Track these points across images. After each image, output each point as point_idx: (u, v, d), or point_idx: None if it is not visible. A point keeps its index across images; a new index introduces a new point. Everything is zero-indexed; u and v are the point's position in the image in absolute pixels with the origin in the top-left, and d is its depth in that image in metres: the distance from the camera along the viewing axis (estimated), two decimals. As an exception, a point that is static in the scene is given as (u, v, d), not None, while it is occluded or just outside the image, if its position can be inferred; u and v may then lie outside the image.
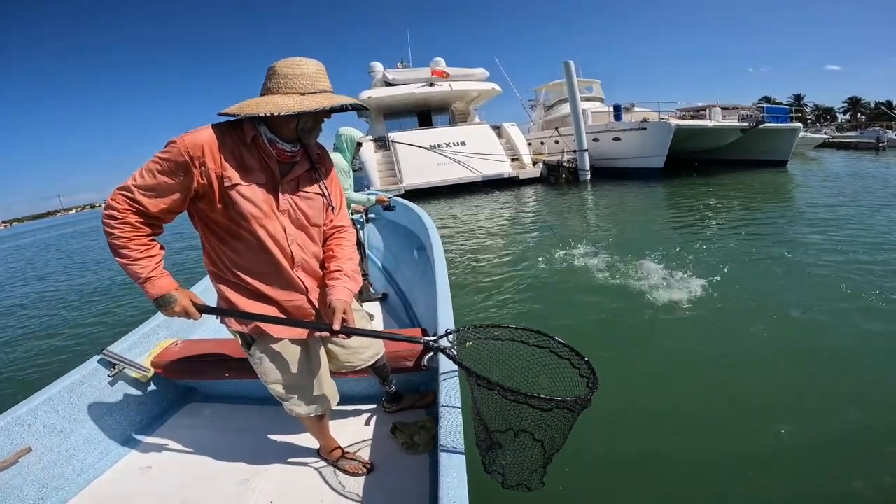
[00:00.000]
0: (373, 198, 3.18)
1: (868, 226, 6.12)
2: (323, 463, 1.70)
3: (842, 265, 4.47)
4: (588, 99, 20.72)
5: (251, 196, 1.18)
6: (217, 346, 2.08)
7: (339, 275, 1.35)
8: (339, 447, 1.69)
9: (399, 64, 21.83)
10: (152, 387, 2.10)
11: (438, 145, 15.34)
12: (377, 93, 18.10)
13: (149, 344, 2.17)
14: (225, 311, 1.31)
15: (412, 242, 3.75)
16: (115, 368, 1.93)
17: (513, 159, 16.18)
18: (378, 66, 20.86)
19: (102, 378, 1.91)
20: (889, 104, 56.74)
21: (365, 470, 1.62)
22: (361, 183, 14.26)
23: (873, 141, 24.38)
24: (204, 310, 1.27)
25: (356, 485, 1.58)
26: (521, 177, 15.58)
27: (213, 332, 2.58)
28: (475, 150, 15.32)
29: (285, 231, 1.26)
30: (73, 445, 1.72)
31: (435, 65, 20.08)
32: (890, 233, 5.65)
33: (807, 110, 61.83)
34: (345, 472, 1.63)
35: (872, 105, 60.89)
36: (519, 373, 1.24)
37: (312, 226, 1.33)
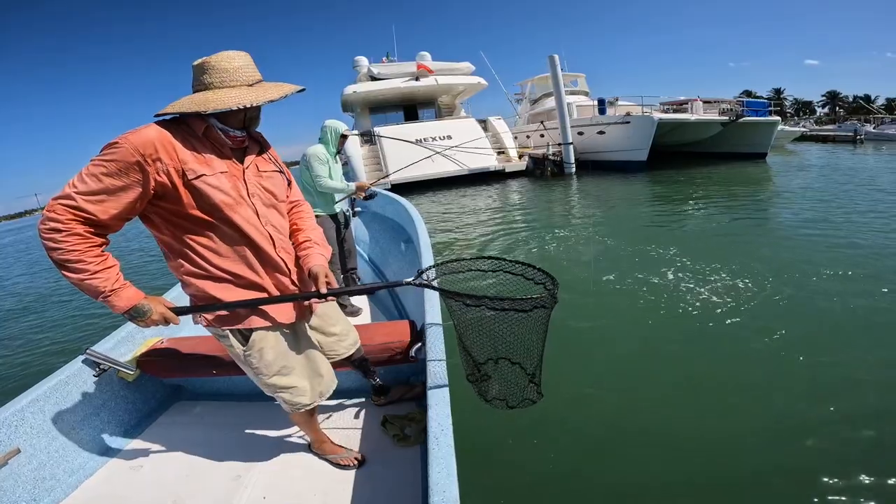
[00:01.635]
0: (352, 185, 3.18)
1: (841, 220, 6.34)
2: (315, 457, 1.70)
3: (817, 251, 4.65)
4: (573, 93, 20.88)
5: (218, 185, 1.18)
6: (204, 342, 2.07)
7: (310, 244, 1.42)
8: (330, 440, 1.69)
9: (384, 58, 21.64)
10: (139, 386, 2.08)
11: (424, 139, 15.31)
12: (362, 87, 17.97)
13: (134, 342, 2.15)
14: (209, 306, 1.26)
15: (399, 235, 3.75)
16: (100, 368, 1.91)
17: (499, 153, 16.23)
18: (363, 61, 20.68)
19: (88, 378, 1.89)
20: (867, 98, 58.12)
21: (356, 462, 1.63)
22: (347, 178, 14.13)
23: (851, 134, 24.98)
24: (182, 311, 1.25)
25: (349, 478, 1.58)
26: (507, 170, 15.64)
27: (199, 328, 2.54)
28: (461, 143, 15.35)
29: (258, 214, 1.27)
30: (62, 446, 1.70)
31: (420, 59, 19.98)
32: (866, 224, 5.87)
33: (787, 104, 63.06)
34: (337, 465, 1.63)
35: (850, 99, 62.27)
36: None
37: (280, 202, 1.37)
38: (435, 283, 1.35)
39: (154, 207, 1.16)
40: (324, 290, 1.29)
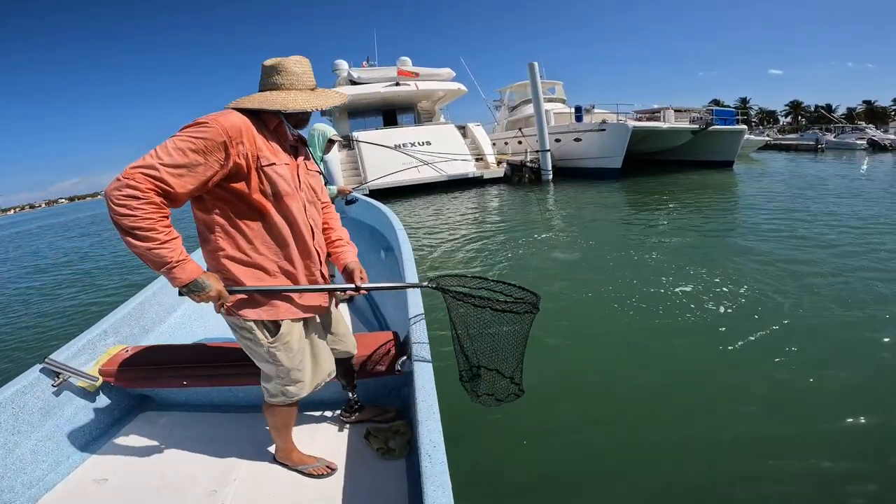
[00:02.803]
0: (334, 189, 3.19)
1: (806, 222, 6.67)
2: (295, 472, 1.65)
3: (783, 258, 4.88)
4: (551, 100, 21.19)
5: (283, 174, 1.28)
6: (173, 352, 2.01)
7: (343, 242, 1.59)
8: (298, 450, 1.67)
9: (365, 62, 21.56)
10: (102, 395, 2.01)
11: (403, 145, 15.34)
12: (341, 91, 17.84)
13: (95, 351, 2.06)
14: (260, 289, 1.30)
15: (379, 243, 3.69)
16: (59, 378, 1.84)
17: (477, 159, 16.36)
18: (343, 64, 20.56)
19: (46, 388, 1.82)
20: (828, 107, 60.94)
21: (329, 471, 1.62)
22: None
23: (812, 143, 26.15)
24: (234, 291, 1.27)
25: (332, 493, 1.54)
26: (486, 177, 15.75)
27: (166, 337, 2.48)
28: (440, 149, 15.40)
29: (304, 207, 1.37)
30: (19, 458, 1.64)
31: (401, 64, 19.98)
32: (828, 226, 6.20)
33: (752, 113, 65.55)
34: (310, 475, 1.62)
35: (812, 108, 65.21)
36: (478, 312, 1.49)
37: (318, 200, 1.49)
38: (447, 287, 1.46)
39: (218, 188, 1.21)
40: (360, 284, 1.46)
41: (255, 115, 1.27)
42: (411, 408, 1.38)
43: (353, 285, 1.45)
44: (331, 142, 3.02)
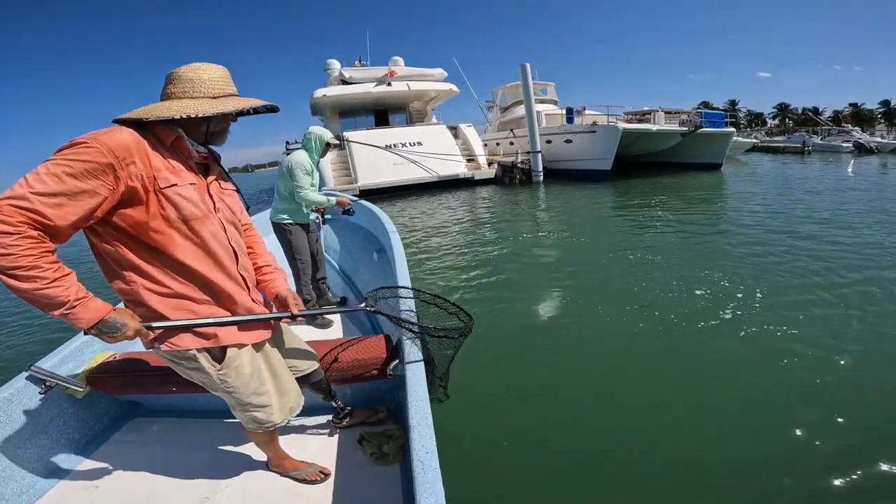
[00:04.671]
0: (333, 199, 3.15)
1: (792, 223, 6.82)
2: (288, 478, 1.64)
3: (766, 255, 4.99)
4: (542, 101, 21.28)
5: (189, 196, 1.14)
6: (161, 358, 2.04)
7: (271, 268, 1.49)
8: (290, 457, 1.66)
9: (357, 62, 21.46)
10: (90, 403, 2.00)
11: (395, 145, 15.33)
12: (333, 91, 17.80)
13: (83, 358, 2.04)
14: (188, 323, 1.18)
15: (371, 244, 3.69)
16: (45, 385, 1.82)
17: (468, 160, 16.40)
18: (335, 64, 20.42)
19: (33, 396, 1.80)
20: (815, 110, 61.87)
21: (322, 476, 1.61)
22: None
23: (799, 145, 26.56)
24: (153, 327, 1.16)
25: (325, 497, 1.53)
26: (477, 177, 15.79)
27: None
28: (431, 150, 15.41)
29: (224, 230, 1.25)
30: (7, 466, 1.64)
31: (393, 64, 19.88)
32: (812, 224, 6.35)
33: (740, 115, 66.37)
34: (304, 481, 1.60)
35: (800, 111, 66.18)
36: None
37: (238, 220, 1.36)
38: (382, 307, 1.51)
39: (112, 217, 1.06)
40: (295, 312, 1.40)
41: (148, 130, 1.12)
42: (404, 412, 1.38)
43: (287, 313, 1.40)
44: (328, 145, 2.94)
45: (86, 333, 1.06)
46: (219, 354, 1.27)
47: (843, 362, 2.85)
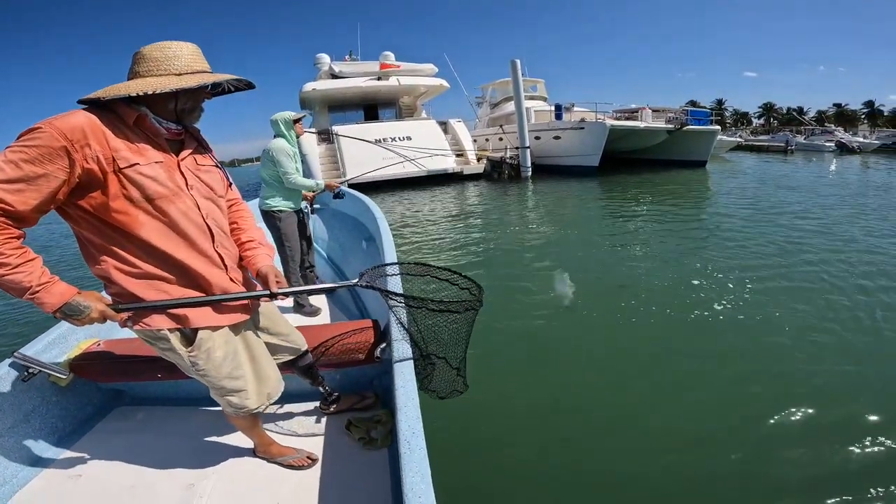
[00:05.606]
0: (321, 183, 3.16)
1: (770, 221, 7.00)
2: (275, 465, 1.62)
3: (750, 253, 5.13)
4: (532, 98, 21.39)
5: (154, 175, 1.12)
6: (146, 344, 2.01)
7: (255, 244, 1.41)
8: (276, 443, 1.64)
9: (347, 56, 21.29)
10: (74, 391, 1.96)
11: (384, 139, 15.30)
12: (322, 84, 17.66)
13: (66, 345, 2.00)
14: (157, 304, 1.17)
15: (360, 233, 3.70)
16: (28, 372, 1.77)
17: (458, 155, 16.42)
18: (325, 58, 20.27)
19: (16, 383, 1.76)
20: (800, 110, 62.93)
21: (310, 462, 1.59)
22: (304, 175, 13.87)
23: (783, 145, 26.98)
24: (121, 309, 1.16)
25: (313, 483, 1.52)
26: (465, 172, 15.84)
27: None
28: (421, 145, 15.40)
29: (198, 206, 1.22)
30: None
31: (384, 59, 19.74)
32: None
33: (727, 114, 67.29)
34: (291, 467, 1.58)
35: (785, 111, 67.27)
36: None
37: (219, 197, 1.33)
38: (378, 285, 1.42)
39: (76, 199, 1.07)
40: (275, 290, 1.29)
41: (110, 110, 1.11)
42: (391, 396, 1.37)
43: (267, 291, 1.30)
44: (296, 121, 2.94)
45: (55, 317, 1.08)
46: (190, 336, 1.25)
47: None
